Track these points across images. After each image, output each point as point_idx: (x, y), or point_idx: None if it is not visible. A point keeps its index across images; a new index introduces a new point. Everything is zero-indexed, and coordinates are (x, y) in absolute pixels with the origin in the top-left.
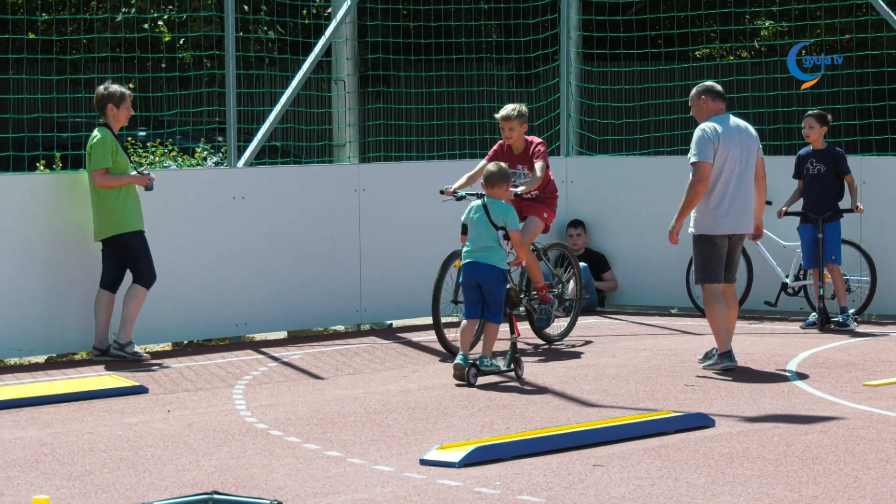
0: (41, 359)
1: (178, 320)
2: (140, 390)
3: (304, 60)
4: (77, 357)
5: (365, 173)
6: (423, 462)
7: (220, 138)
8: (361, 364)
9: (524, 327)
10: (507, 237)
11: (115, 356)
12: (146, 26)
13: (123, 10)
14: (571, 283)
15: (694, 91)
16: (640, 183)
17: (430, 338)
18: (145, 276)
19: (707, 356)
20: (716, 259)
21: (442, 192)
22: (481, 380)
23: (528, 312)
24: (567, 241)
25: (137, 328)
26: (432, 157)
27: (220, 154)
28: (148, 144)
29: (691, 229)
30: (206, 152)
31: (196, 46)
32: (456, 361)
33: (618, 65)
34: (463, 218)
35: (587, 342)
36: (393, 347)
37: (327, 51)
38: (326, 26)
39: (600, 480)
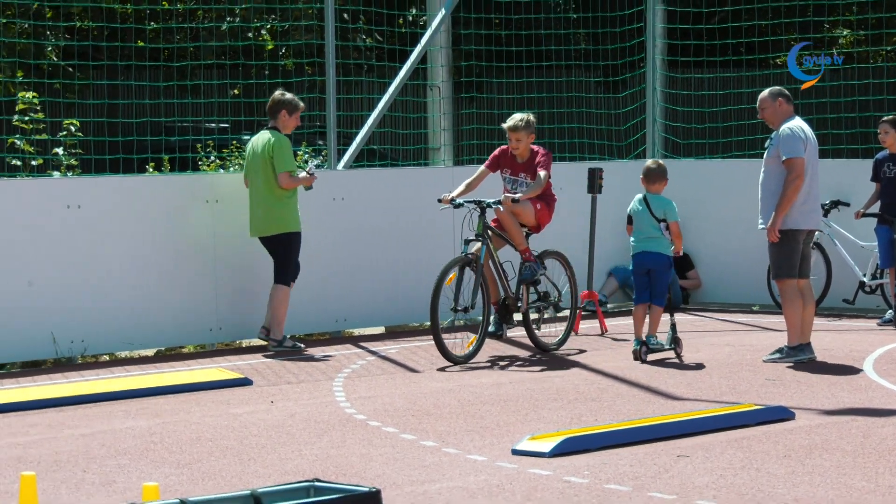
0: (151, 352)
1: (291, 315)
2: (245, 382)
3: (400, 67)
4: (185, 350)
5: (459, 175)
6: (515, 452)
7: (320, 142)
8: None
9: (520, 334)
10: (668, 228)
11: (274, 351)
12: (250, 35)
13: (228, 19)
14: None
15: (768, 94)
16: (723, 185)
17: (521, 332)
18: (289, 276)
19: (779, 351)
20: (795, 255)
21: (440, 201)
22: (577, 372)
23: (524, 319)
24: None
25: (241, 322)
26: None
27: (321, 157)
28: None
29: (761, 225)
30: (307, 155)
31: (297, 54)
32: (634, 348)
33: (701, 71)
34: (629, 209)
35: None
36: (486, 343)
37: (423, 58)
38: (422, 35)
39: (684, 470)
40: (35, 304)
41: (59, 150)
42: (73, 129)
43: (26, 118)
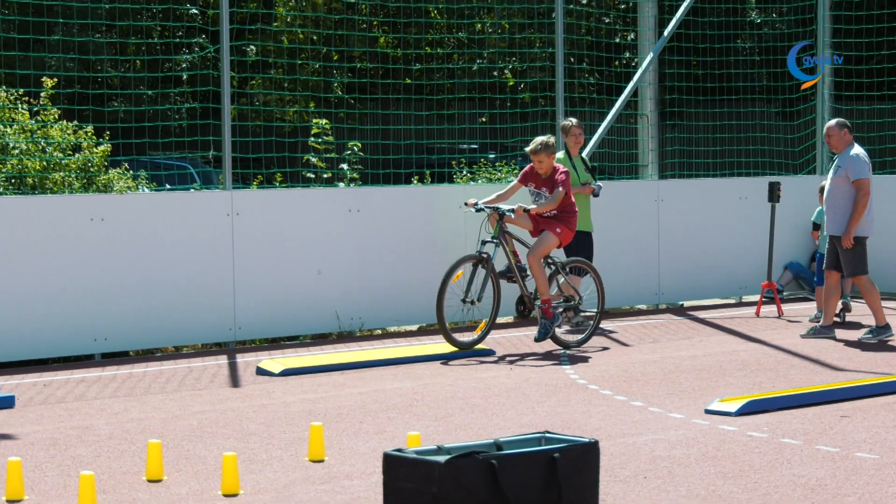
0: (414, 327)
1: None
2: (489, 353)
3: (616, 100)
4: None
5: (663, 187)
6: (707, 411)
7: None
8: (659, 335)
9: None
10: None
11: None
12: (495, 73)
13: (478, 61)
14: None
15: (836, 124)
16: (880, 196)
17: (713, 315)
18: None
19: (870, 332)
20: (865, 255)
21: (465, 204)
22: (758, 348)
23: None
24: (812, 238)
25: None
26: (716, 175)
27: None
28: (497, 164)
29: (831, 233)
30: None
31: (533, 89)
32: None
33: (861, 103)
34: (813, 218)
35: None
36: (684, 322)
37: (634, 92)
38: (634, 73)
39: (846, 428)
40: (323, 288)
41: (344, 166)
42: (355, 149)
43: (319, 140)
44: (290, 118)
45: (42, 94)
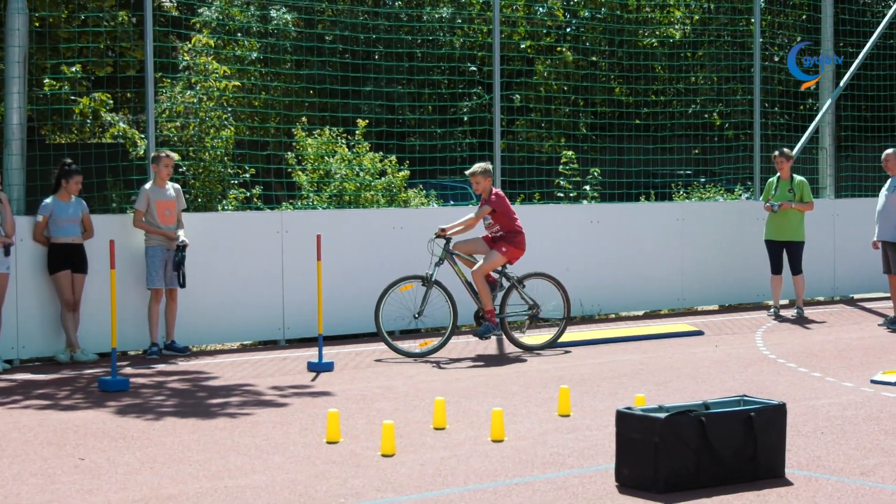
0: (640, 312)
1: (728, 291)
2: (698, 333)
3: (801, 136)
4: (661, 312)
5: (838, 205)
6: (872, 381)
7: (748, 182)
8: (834, 320)
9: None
10: None
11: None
12: (706, 115)
13: (692, 105)
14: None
15: (892, 152)
16: None
17: (878, 305)
18: (799, 268)
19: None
20: None
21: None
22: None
23: (501, 325)
24: None
25: (699, 291)
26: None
27: (749, 192)
28: (706, 186)
29: (883, 238)
30: (740, 191)
31: (735, 127)
32: None
33: None
34: None
35: None
36: (854, 311)
37: (816, 129)
38: (815, 115)
39: None
40: (570, 281)
41: (587, 187)
42: (595, 174)
43: (567, 167)
44: (545, 150)
45: (357, 132)
